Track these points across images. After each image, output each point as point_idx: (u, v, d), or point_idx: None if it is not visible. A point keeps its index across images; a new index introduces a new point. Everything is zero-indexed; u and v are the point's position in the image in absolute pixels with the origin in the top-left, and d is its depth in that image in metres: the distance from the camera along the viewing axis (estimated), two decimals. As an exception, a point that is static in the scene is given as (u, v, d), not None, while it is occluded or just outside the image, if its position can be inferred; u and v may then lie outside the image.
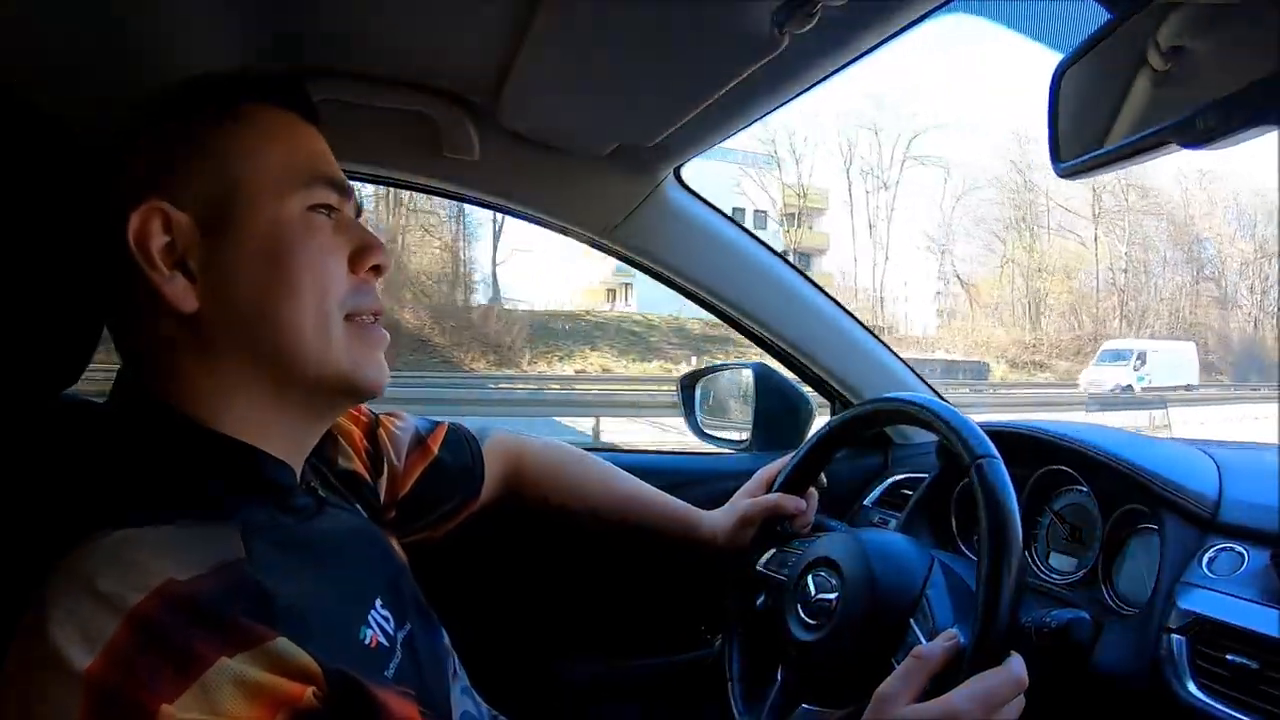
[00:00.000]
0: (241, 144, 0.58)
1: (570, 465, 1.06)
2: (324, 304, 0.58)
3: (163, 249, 0.55)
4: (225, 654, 0.45)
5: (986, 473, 0.71)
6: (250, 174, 0.58)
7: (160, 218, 0.55)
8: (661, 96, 0.94)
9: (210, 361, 0.57)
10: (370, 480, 0.81)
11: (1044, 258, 26.26)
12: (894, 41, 0.82)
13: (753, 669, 0.90)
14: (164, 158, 0.57)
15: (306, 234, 0.58)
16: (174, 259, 0.56)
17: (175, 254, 0.56)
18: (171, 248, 0.56)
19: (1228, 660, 0.66)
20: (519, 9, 0.80)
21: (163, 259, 0.55)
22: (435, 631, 0.71)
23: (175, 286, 0.55)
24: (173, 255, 0.56)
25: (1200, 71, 0.52)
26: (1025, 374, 23.41)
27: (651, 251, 1.24)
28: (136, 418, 0.58)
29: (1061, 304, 26.25)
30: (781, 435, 1.35)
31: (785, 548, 0.93)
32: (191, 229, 0.56)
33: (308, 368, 0.58)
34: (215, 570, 0.48)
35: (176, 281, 0.55)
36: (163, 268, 0.55)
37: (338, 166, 0.64)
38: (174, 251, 0.56)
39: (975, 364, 23.08)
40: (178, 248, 0.56)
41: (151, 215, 0.55)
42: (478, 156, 1.09)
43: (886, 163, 26.58)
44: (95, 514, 0.48)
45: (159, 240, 0.55)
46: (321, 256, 0.59)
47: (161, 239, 0.55)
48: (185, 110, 0.59)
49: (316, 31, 0.89)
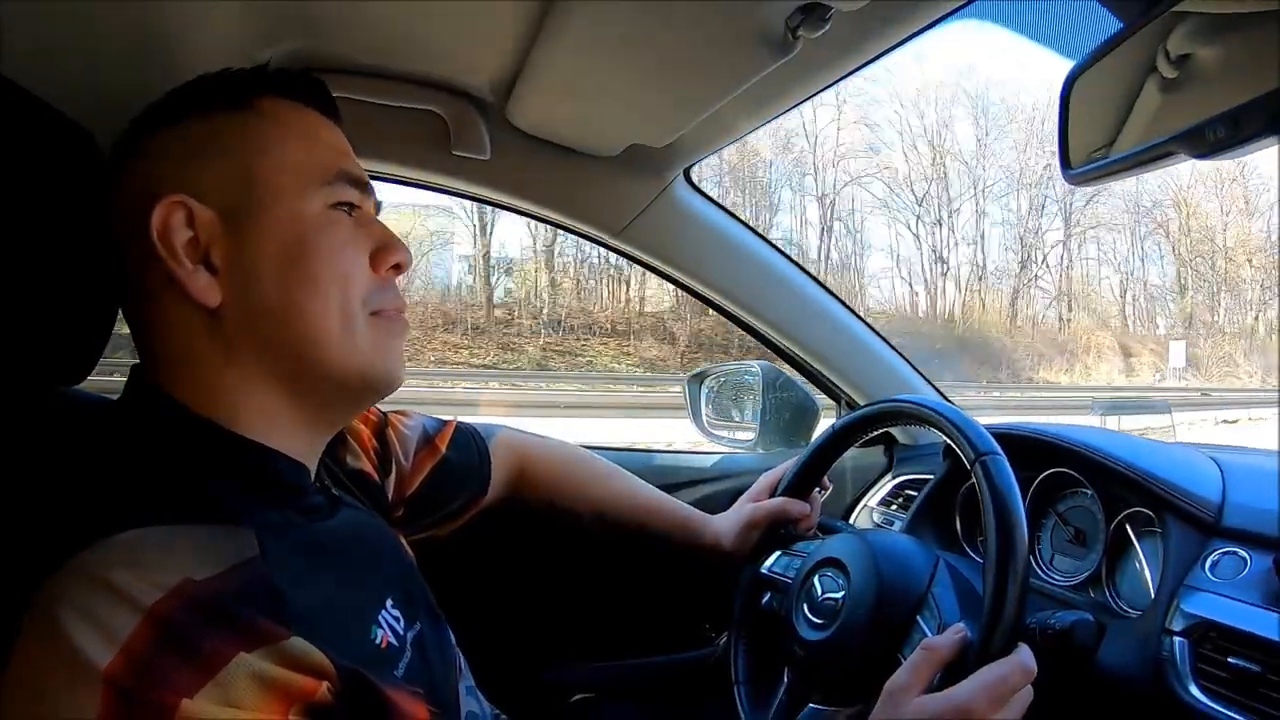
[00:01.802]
0: (262, 139, 0.59)
1: (576, 465, 1.06)
2: (348, 300, 0.59)
3: (186, 243, 0.55)
4: (243, 650, 0.45)
5: (991, 469, 0.71)
6: (272, 169, 0.58)
7: (183, 212, 0.56)
8: (674, 99, 0.94)
9: (231, 358, 0.57)
10: (378, 480, 0.81)
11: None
12: (905, 46, 0.82)
13: (759, 671, 0.90)
14: (186, 153, 0.58)
15: (328, 230, 0.59)
16: (197, 254, 0.56)
17: (199, 249, 0.56)
18: (195, 242, 0.56)
19: (1230, 663, 0.66)
20: (532, 9, 0.81)
21: (186, 253, 0.55)
22: (443, 631, 0.72)
23: (199, 280, 0.56)
24: (196, 250, 0.56)
25: (1210, 81, 0.53)
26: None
27: (660, 252, 1.24)
28: (152, 416, 0.58)
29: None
30: (788, 435, 1.36)
31: (790, 550, 0.94)
32: (215, 223, 0.56)
33: (330, 364, 0.59)
34: (231, 570, 0.48)
35: (200, 276, 0.56)
36: (186, 262, 0.55)
37: (358, 163, 0.64)
38: (197, 246, 0.56)
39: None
40: (201, 242, 0.56)
41: (175, 209, 0.55)
42: (489, 155, 1.10)
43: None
44: (110, 512, 0.48)
45: (183, 235, 0.55)
46: (343, 253, 0.59)
47: (185, 233, 0.56)
48: (206, 105, 0.59)
49: (329, 29, 0.90)
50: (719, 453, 1.42)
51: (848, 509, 1.33)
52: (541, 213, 1.22)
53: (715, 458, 1.39)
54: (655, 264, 1.26)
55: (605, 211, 1.21)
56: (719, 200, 1.28)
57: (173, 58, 0.74)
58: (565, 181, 1.17)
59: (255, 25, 0.84)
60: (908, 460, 1.32)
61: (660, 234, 1.23)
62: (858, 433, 0.96)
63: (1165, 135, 0.52)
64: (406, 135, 1.09)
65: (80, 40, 0.68)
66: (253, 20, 0.84)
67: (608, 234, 1.22)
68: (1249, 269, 24.38)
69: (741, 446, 1.41)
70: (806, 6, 0.71)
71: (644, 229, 1.22)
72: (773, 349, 1.36)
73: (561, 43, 0.83)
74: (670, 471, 1.31)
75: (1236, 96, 0.47)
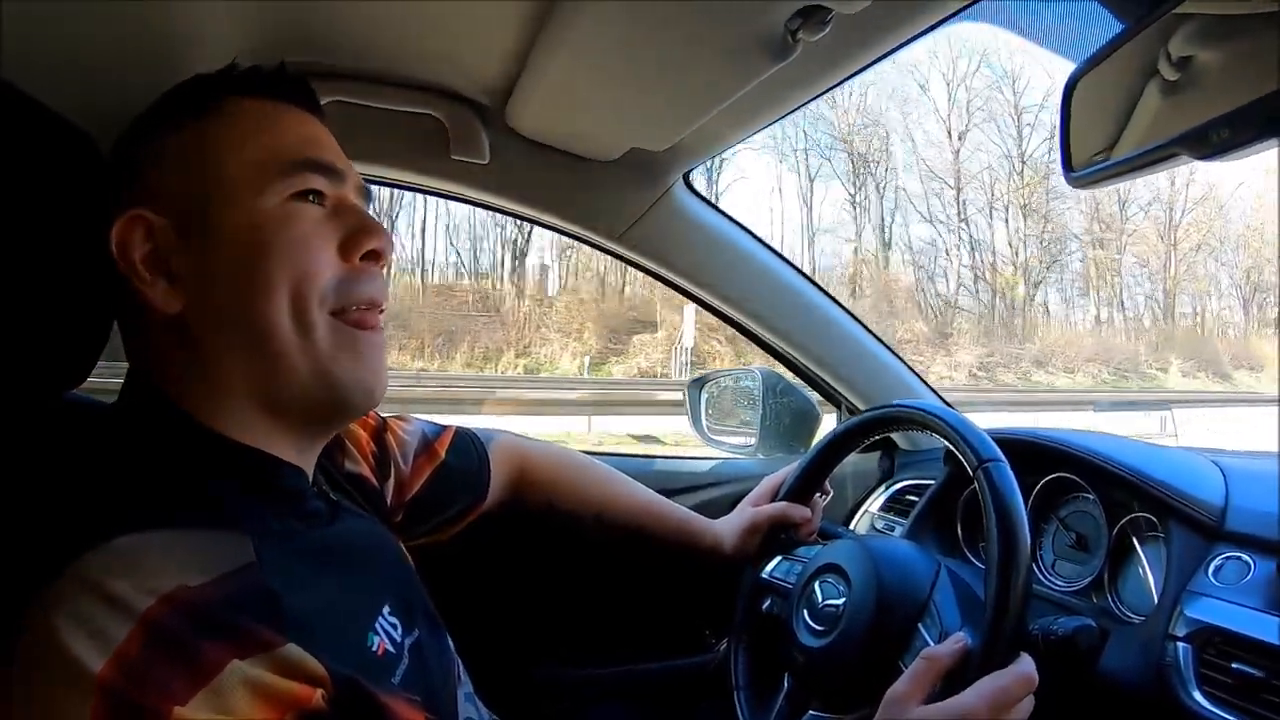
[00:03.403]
0: (220, 140, 0.58)
1: (575, 470, 1.06)
2: (303, 299, 0.56)
3: (145, 256, 0.56)
4: (236, 657, 0.45)
5: (993, 476, 0.71)
6: (228, 170, 0.57)
7: (142, 225, 0.56)
8: (673, 102, 0.94)
9: (201, 364, 0.57)
10: (377, 484, 0.81)
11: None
12: (905, 49, 0.82)
13: (759, 677, 0.90)
14: (143, 165, 0.58)
15: (285, 225, 0.57)
16: (158, 264, 0.56)
17: (159, 259, 0.56)
18: (154, 254, 0.56)
19: (1233, 669, 0.66)
20: (532, 13, 0.81)
21: (145, 265, 0.56)
22: (441, 638, 0.71)
23: (157, 291, 0.56)
24: (156, 261, 0.56)
25: (1212, 83, 0.52)
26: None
27: (660, 256, 1.24)
28: (146, 420, 0.57)
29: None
30: (788, 440, 1.36)
31: (791, 556, 0.94)
32: (171, 233, 0.56)
33: (291, 370, 0.57)
34: (226, 576, 0.48)
35: (158, 286, 0.56)
36: (144, 274, 0.56)
37: (332, 150, 0.62)
38: (157, 257, 0.56)
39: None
40: (160, 253, 0.56)
41: (133, 224, 0.56)
42: (487, 159, 1.10)
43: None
44: (105, 518, 0.48)
45: (141, 248, 0.56)
46: (301, 247, 0.57)
47: (143, 246, 0.56)
48: (166, 115, 0.59)
49: (326, 33, 0.90)
50: (719, 458, 1.42)
51: (848, 514, 1.33)
52: (541, 217, 1.22)
53: (715, 462, 1.39)
54: (655, 268, 1.26)
55: (605, 216, 1.21)
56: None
57: (172, 61, 0.74)
58: (564, 186, 1.17)
59: (254, 29, 0.84)
60: (909, 466, 1.31)
61: (660, 238, 1.23)
62: (858, 438, 0.96)
63: (1168, 137, 0.52)
64: (405, 140, 1.09)
65: (79, 44, 0.67)
66: (251, 24, 0.83)
67: (607, 238, 1.22)
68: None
69: (742, 451, 1.41)
70: (806, 9, 0.71)
71: (644, 233, 1.22)
72: (773, 354, 1.36)
73: (561, 46, 0.83)
74: (670, 476, 1.31)
75: (1239, 98, 0.47)
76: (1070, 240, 24.92)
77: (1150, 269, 24.90)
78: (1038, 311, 24.26)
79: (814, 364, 1.32)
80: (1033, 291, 23.95)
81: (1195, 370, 22.62)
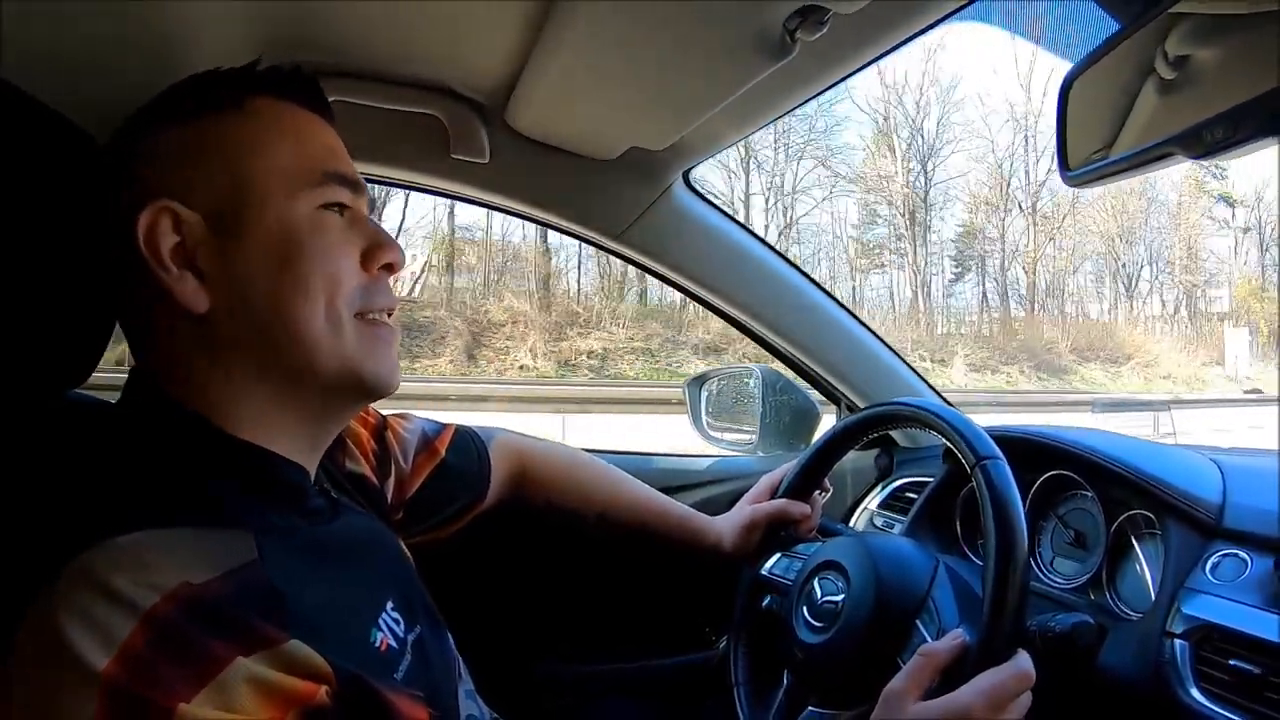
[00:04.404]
0: (250, 139, 0.58)
1: (575, 468, 1.06)
2: (335, 303, 0.58)
3: (172, 249, 0.55)
4: (240, 654, 0.45)
5: (990, 473, 0.72)
6: (260, 171, 0.58)
7: (170, 217, 0.55)
8: (673, 101, 0.94)
9: (222, 362, 0.57)
10: (377, 482, 0.81)
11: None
12: (903, 48, 0.83)
13: (758, 673, 0.90)
14: (174, 156, 0.57)
15: (317, 233, 0.58)
16: (184, 259, 0.56)
17: (185, 254, 0.56)
18: (181, 247, 0.56)
19: (1230, 665, 0.66)
20: (531, 12, 0.81)
21: (172, 259, 0.55)
22: (443, 634, 0.72)
23: (185, 286, 0.55)
24: (183, 255, 0.56)
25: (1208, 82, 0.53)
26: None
27: (660, 255, 1.24)
28: (150, 419, 0.58)
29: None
30: (787, 438, 1.36)
31: (790, 553, 0.94)
32: (201, 228, 0.56)
33: (320, 367, 0.58)
34: (229, 573, 0.48)
35: (186, 281, 0.56)
36: (172, 267, 0.55)
37: (348, 162, 0.63)
38: (184, 251, 0.56)
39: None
40: (187, 247, 0.56)
41: (161, 215, 0.55)
42: (487, 158, 1.10)
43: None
44: (108, 516, 0.48)
45: (169, 240, 0.55)
46: (332, 255, 0.59)
47: (171, 239, 0.55)
48: (193, 107, 0.59)
49: (327, 32, 0.90)
50: (719, 455, 1.42)
51: (848, 512, 1.33)
52: (540, 216, 1.22)
53: (715, 460, 1.39)
54: (655, 267, 1.26)
55: (604, 214, 1.21)
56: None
57: (172, 61, 0.74)
58: (564, 184, 1.17)
59: (254, 28, 0.84)
60: (907, 463, 1.31)
61: (660, 237, 1.23)
62: (858, 435, 0.96)
63: (1163, 136, 0.52)
64: (405, 139, 1.09)
65: (80, 43, 0.68)
66: (252, 23, 0.83)
67: (607, 237, 1.22)
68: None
69: (741, 449, 1.41)
70: (805, 9, 0.71)
71: (643, 232, 1.22)
72: (772, 352, 1.36)
73: (560, 45, 0.83)
74: (670, 474, 1.31)
75: (1234, 97, 0.47)
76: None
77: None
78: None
79: (813, 362, 1.33)
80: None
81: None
